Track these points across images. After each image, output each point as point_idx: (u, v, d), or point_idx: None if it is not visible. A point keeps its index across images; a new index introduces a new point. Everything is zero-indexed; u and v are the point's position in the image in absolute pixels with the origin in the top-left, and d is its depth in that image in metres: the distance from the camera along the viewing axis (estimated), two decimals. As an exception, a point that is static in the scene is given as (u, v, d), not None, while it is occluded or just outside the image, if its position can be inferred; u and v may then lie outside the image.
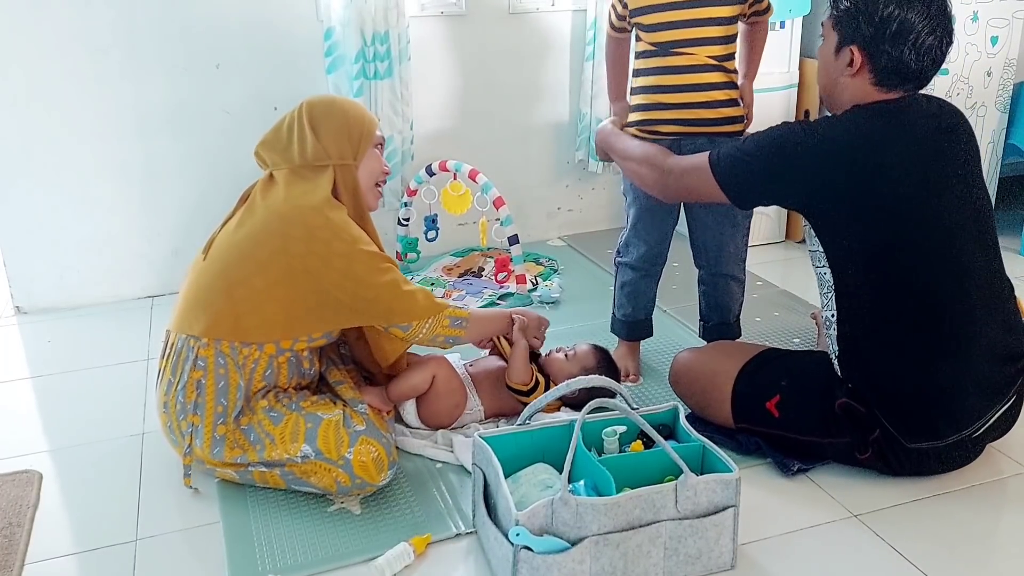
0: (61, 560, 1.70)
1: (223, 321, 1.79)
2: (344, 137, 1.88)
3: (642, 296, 2.36)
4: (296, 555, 1.66)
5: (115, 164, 2.84)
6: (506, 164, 3.28)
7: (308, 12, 2.89)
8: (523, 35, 3.20)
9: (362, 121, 1.92)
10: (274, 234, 1.79)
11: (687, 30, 2.01)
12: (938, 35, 1.68)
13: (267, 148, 1.91)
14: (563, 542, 1.47)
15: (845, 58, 1.73)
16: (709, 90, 2.05)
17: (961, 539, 1.68)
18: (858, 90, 1.75)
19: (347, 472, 1.75)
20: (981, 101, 3.23)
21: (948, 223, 1.72)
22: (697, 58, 2.02)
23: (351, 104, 1.97)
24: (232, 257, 1.83)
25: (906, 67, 1.69)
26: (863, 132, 1.71)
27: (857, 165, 1.69)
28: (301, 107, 1.91)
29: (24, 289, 2.87)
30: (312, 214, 1.80)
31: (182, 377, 1.81)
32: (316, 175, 1.85)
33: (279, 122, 1.94)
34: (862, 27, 1.69)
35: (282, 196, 1.83)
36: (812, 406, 1.84)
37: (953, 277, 1.73)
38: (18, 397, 2.37)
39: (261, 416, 1.81)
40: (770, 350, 2.00)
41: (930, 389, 1.74)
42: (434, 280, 3.02)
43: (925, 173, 1.71)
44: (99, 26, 2.70)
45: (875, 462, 1.82)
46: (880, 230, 1.71)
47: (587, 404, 1.62)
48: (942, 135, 1.75)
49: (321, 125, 1.88)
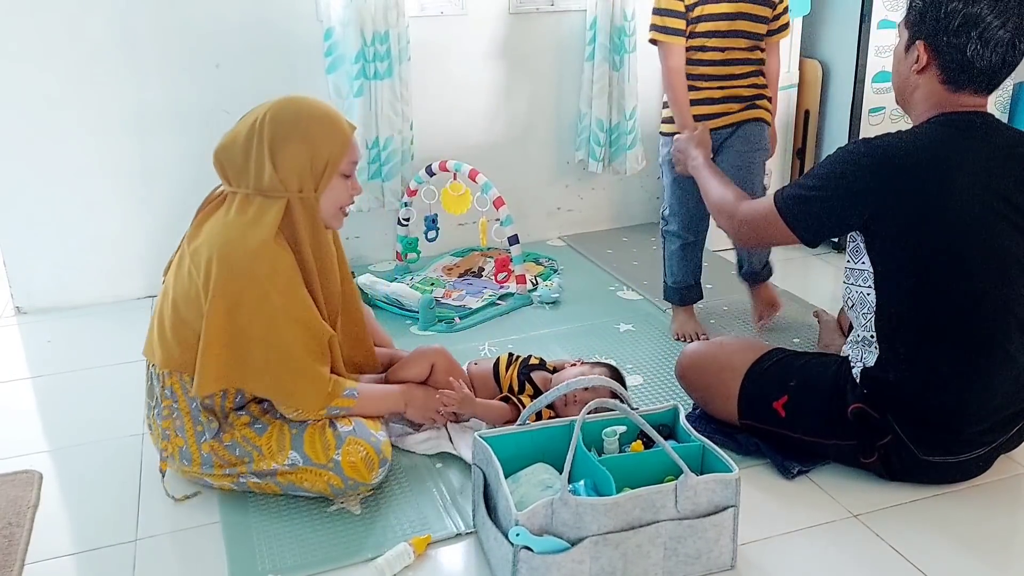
0: (61, 560, 1.70)
1: (180, 357, 1.73)
2: (306, 167, 1.71)
3: (689, 261, 2.53)
4: (296, 555, 1.66)
5: (115, 164, 2.84)
6: (506, 164, 3.28)
7: (308, 12, 2.89)
8: (523, 35, 3.20)
9: (329, 147, 1.73)
10: (216, 275, 1.65)
11: (733, 22, 2.29)
12: (1010, 30, 1.62)
13: (226, 156, 1.74)
14: (563, 542, 1.47)
15: (913, 55, 1.72)
16: (743, 77, 2.35)
17: (961, 539, 1.68)
18: (927, 89, 1.72)
19: (338, 474, 1.74)
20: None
21: (1003, 250, 1.69)
22: (734, 51, 2.31)
23: (320, 122, 1.74)
24: (179, 292, 1.73)
25: (971, 63, 1.65)
26: (936, 138, 1.68)
27: (925, 170, 1.66)
28: (264, 119, 1.70)
29: (24, 289, 2.87)
30: (258, 261, 1.66)
31: (157, 402, 1.80)
32: (265, 206, 1.70)
33: (239, 125, 1.75)
34: (928, 22, 1.68)
35: (229, 223, 1.69)
36: (819, 409, 1.84)
37: (997, 305, 1.70)
38: (18, 397, 2.37)
39: (245, 431, 1.78)
40: (778, 349, 1.99)
41: (956, 410, 1.73)
42: (434, 280, 3.02)
43: (994, 194, 1.67)
44: (99, 26, 2.70)
45: (877, 467, 1.82)
46: (936, 245, 1.68)
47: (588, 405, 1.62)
48: (1015, 161, 1.71)
49: (281, 151, 1.69)
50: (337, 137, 1.75)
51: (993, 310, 1.70)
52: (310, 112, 1.74)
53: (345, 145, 1.76)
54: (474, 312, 2.75)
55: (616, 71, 3.21)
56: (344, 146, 1.76)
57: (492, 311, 2.75)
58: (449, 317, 2.71)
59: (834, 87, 3.18)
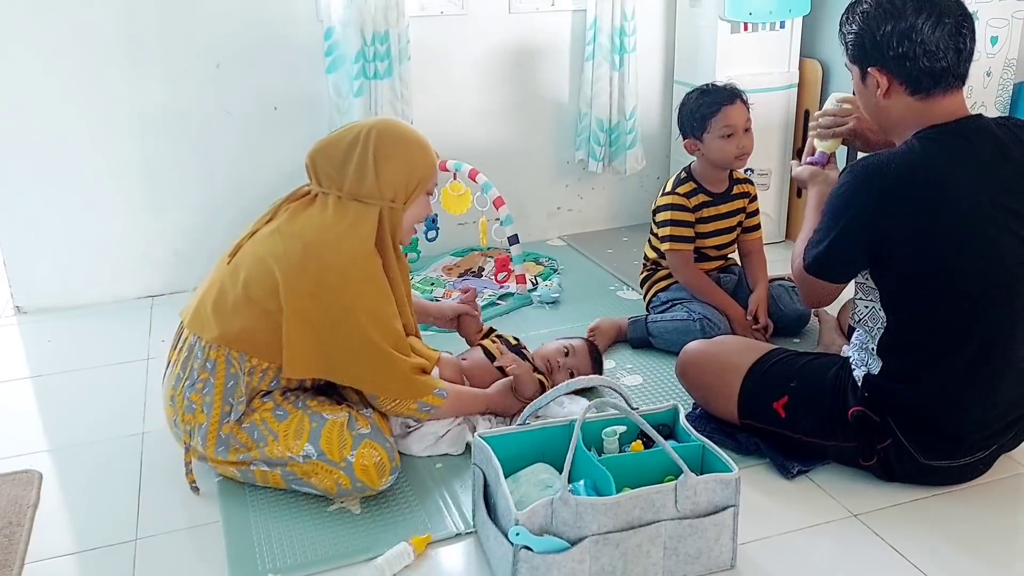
0: (61, 560, 1.70)
1: (236, 333, 1.79)
2: (403, 181, 1.85)
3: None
4: (296, 555, 1.66)
5: (115, 164, 2.84)
6: (506, 164, 3.28)
7: (308, 12, 2.89)
8: (523, 35, 3.20)
9: (424, 167, 1.89)
10: (308, 269, 1.76)
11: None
12: (946, 24, 1.63)
13: (323, 158, 1.86)
14: (563, 542, 1.47)
15: (872, 83, 1.72)
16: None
17: (961, 539, 1.68)
18: (901, 107, 1.71)
19: (348, 475, 1.75)
20: (981, 101, 3.23)
21: (1005, 259, 1.67)
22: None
23: (420, 144, 1.90)
24: (256, 272, 1.79)
25: (929, 68, 1.65)
26: (927, 155, 1.66)
27: (920, 187, 1.64)
28: (371, 130, 1.85)
29: (24, 289, 2.87)
30: (354, 264, 1.78)
31: (191, 375, 1.81)
32: (363, 212, 1.82)
33: (341, 133, 1.88)
34: (869, 49, 1.69)
35: (326, 224, 1.80)
36: (820, 410, 1.84)
37: (1001, 318, 1.69)
38: (18, 397, 2.37)
39: (265, 414, 1.81)
40: (779, 350, 2.00)
41: (958, 418, 1.74)
42: (434, 280, 3.02)
43: (990, 204, 1.66)
44: (99, 26, 2.69)
45: (877, 469, 1.82)
46: (937, 267, 1.67)
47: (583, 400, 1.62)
48: (1009, 165, 1.69)
49: (386, 161, 1.83)
50: (430, 160, 1.92)
51: (999, 322, 1.69)
52: (412, 134, 1.92)
53: (435, 169, 1.94)
54: (474, 312, 2.75)
55: (616, 71, 3.21)
56: (434, 168, 1.94)
57: (492, 311, 2.75)
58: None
59: (834, 87, 3.18)
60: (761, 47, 3.12)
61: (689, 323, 2.39)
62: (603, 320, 2.53)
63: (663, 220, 2.51)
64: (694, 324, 2.38)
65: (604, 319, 2.54)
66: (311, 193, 1.88)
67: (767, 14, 3.05)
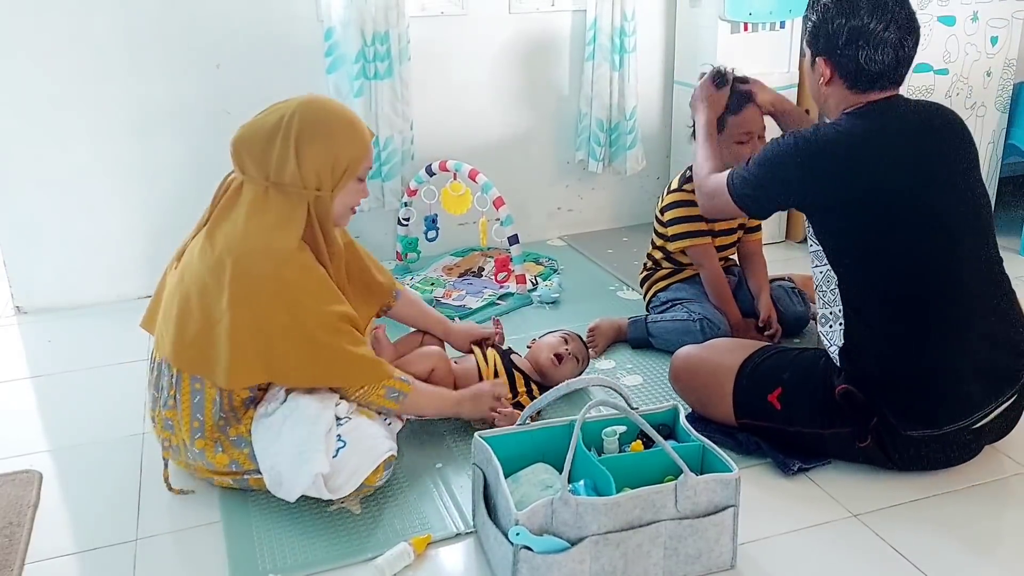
0: (61, 560, 1.70)
1: (188, 352, 1.74)
2: (328, 168, 1.73)
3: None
4: (296, 555, 1.66)
5: (115, 164, 2.84)
6: (506, 164, 3.28)
7: (308, 12, 2.89)
8: (523, 35, 3.20)
9: (351, 150, 1.76)
10: (241, 283, 1.68)
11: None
12: (893, 31, 1.77)
13: (244, 145, 1.75)
14: (563, 542, 1.47)
15: (818, 70, 1.88)
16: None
17: (961, 539, 1.69)
18: (838, 97, 1.87)
19: None
20: (981, 101, 3.23)
21: (941, 215, 1.78)
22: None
23: (347, 126, 1.77)
24: (196, 288, 1.73)
25: (867, 69, 1.79)
26: (847, 129, 1.81)
27: (841, 159, 1.79)
28: (294, 114, 1.73)
29: (24, 289, 2.87)
30: (286, 266, 1.70)
31: (163, 393, 1.80)
32: (289, 206, 1.72)
33: (265, 115, 1.77)
34: (821, 39, 1.85)
35: (251, 230, 1.71)
36: (814, 396, 1.86)
37: (946, 266, 1.78)
38: (18, 397, 2.37)
39: (251, 424, 1.78)
40: (769, 346, 2.05)
41: (924, 374, 1.77)
42: (434, 280, 3.02)
43: (913, 166, 1.79)
44: (99, 26, 2.70)
45: (875, 451, 1.82)
46: (869, 220, 1.79)
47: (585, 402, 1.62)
48: (931, 133, 1.84)
49: (307, 147, 1.71)
50: (359, 142, 1.79)
51: (946, 271, 1.78)
52: (337, 115, 1.78)
53: (365, 150, 1.80)
54: (474, 312, 2.75)
55: (616, 71, 3.21)
56: (364, 151, 1.80)
57: (492, 311, 2.75)
58: (449, 317, 2.70)
59: (834, 87, 3.18)
60: (761, 47, 3.13)
61: (689, 323, 2.39)
62: (603, 320, 2.53)
63: (672, 218, 2.49)
64: (694, 324, 2.38)
65: (604, 319, 2.54)
66: (235, 183, 1.79)
67: (767, 14, 3.06)
